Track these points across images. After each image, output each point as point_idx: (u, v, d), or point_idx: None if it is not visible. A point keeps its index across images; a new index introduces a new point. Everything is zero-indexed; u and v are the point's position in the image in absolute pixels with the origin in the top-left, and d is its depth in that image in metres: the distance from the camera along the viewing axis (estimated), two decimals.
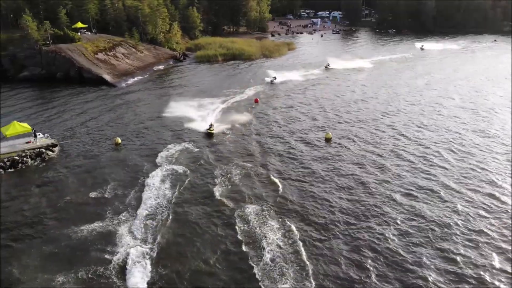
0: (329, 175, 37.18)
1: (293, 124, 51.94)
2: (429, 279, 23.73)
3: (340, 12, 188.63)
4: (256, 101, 62.52)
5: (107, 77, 74.02)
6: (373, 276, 24.04)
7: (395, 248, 26.48)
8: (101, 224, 29.47)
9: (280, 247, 26.51)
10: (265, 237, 27.53)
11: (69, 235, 28.38)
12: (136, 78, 77.60)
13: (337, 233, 28.29)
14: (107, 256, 26.00)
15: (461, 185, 35.04)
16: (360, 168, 38.69)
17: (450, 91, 67.68)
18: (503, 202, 32.17)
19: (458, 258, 25.48)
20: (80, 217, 30.48)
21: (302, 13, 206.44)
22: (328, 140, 46.16)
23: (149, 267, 24.82)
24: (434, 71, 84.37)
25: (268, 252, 25.90)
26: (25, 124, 43.20)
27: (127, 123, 52.02)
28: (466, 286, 23.29)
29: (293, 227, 28.71)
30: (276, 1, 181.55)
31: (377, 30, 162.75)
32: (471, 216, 30.20)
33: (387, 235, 27.90)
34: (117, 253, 26.26)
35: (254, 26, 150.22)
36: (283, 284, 23.29)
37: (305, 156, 41.74)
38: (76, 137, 47.16)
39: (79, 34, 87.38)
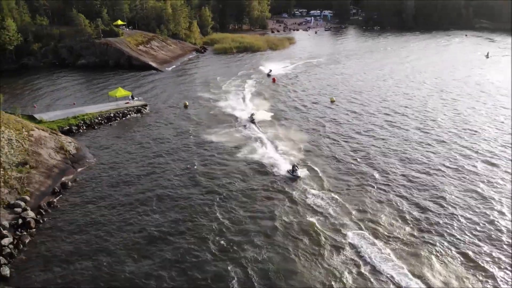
0: (331, 118, 57.34)
1: (306, 90, 72.16)
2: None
3: (331, 11, 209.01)
4: (274, 80, 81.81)
5: (153, 64, 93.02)
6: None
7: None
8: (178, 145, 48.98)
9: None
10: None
11: (157, 153, 47.72)
12: (174, 65, 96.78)
13: (323, 135, 48.10)
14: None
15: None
16: (352, 116, 58.67)
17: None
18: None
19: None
20: (164, 146, 48.69)
21: (295, 12, 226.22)
22: (332, 101, 66.06)
23: None
24: None
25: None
26: (126, 91, 62.24)
27: (186, 93, 71.22)
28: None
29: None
30: (273, 1, 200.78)
31: (364, 28, 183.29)
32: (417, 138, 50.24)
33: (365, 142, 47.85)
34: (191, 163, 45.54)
35: (256, 24, 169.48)
36: None
37: (316, 110, 61.81)
38: (157, 101, 66.27)
39: (120, 29, 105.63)
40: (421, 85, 77.51)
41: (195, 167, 42.30)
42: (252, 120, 56.20)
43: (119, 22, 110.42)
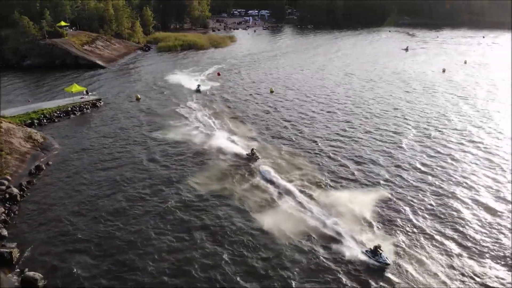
0: (271, 105, 65.89)
1: (248, 82, 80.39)
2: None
3: (268, 11, 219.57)
4: (218, 74, 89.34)
5: (100, 62, 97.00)
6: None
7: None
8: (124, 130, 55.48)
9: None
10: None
11: (116, 136, 54.04)
12: (121, 63, 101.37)
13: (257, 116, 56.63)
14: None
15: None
16: (288, 103, 67.68)
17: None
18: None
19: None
20: (120, 133, 55.24)
21: (234, 12, 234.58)
22: (271, 92, 74.76)
23: None
24: None
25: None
26: (81, 86, 67.00)
27: (136, 88, 76.91)
28: None
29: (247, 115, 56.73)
30: (212, 1, 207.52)
31: (299, 26, 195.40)
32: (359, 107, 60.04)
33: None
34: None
35: (197, 23, 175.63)
36: None
37: (259, 99, 70.20)
38: (109, 96, 71.42)
39: (64, 30, 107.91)
40: (339, 75, 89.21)
41: (148, 147, 49.41)
42: (254, 157, 44.47)
43: (62, 23, 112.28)
